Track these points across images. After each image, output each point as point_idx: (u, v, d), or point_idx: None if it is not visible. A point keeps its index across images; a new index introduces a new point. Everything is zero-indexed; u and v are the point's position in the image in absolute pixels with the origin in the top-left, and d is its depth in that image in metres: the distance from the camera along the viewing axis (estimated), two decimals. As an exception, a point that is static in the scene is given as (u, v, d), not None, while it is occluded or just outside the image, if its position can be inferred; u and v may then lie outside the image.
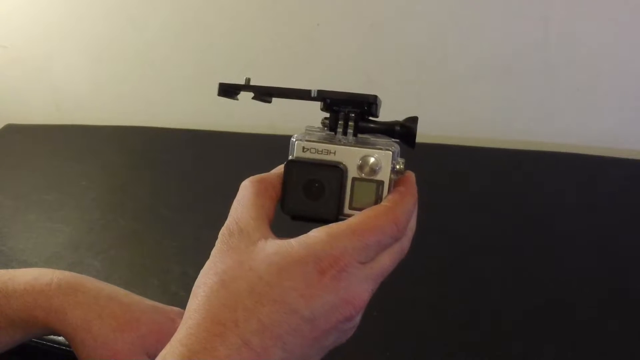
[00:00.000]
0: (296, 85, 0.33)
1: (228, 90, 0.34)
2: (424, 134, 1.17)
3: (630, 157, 0.89)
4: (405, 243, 0.32)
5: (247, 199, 0.31)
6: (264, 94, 0.34)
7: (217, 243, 0.30)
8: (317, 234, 0.28)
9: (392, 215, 0.30)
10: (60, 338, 0.65)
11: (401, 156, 0.33)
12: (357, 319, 0.30)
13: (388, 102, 1.22)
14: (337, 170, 0.31)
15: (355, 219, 0.29)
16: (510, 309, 0.63)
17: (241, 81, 0.34)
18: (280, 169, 0.33)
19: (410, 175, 0.33)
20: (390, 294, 0.67)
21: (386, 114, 0.35)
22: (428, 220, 0.80)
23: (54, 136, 1.15)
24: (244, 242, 0.29)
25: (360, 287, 0.29)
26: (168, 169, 0.99)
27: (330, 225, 0.29)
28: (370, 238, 0.29)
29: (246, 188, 0.32)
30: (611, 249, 0.71)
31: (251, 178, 0.32)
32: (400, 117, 0.34)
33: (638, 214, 0.77)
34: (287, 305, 0.27)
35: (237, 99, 0.37)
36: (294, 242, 0.28)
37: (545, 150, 0.92)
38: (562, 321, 0.61)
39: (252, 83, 0.34)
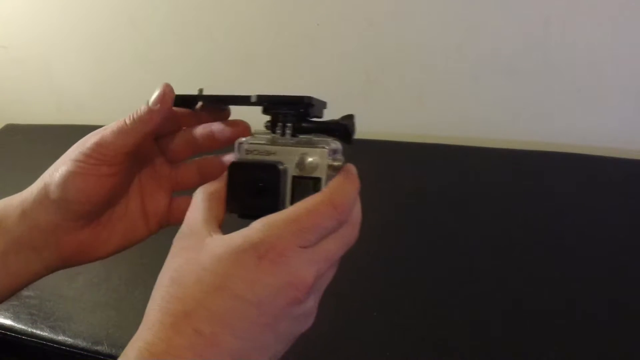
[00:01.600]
0: (296, 85, 0.33)
1: (185, 100, 0.37)
2: (424, 134, 1.17)
3: (630, 157, 0.89)
4: (350, 230, 0.32)
5: (197, 205, 0.33)
6: (211, 101, 0.36)
7: (172, 247, 0.32)
8: (256, 224, 0.30)
9: (328, 198, 0.31)
10: (60, 338, 0.65)
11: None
12: (309, 304, 0.31)
13: (388, 102, 1.22)
14: (275, 169, 0.33)
15: (290, 207, 0.31)
16: (510, 309, 0.63)
17: (241, 80, 0.35)
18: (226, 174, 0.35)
19: (349, 166, 0.34)
20: (390, 294, 0.68)
21: (386, 113, 0.35)
22: (428, 220, 0.81)
23: (54, 136, 1.15)
24: (193, 242, 0.31)
25: (302, 270, 0.29)
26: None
27: (267, 216, 0.30)
28: (306, 221, 0.30)
29: (197, 196, 0.34)
30: (611, 249, 0.71)
31: (202, 187, 0.34)
32: (402, 117, 0.35)
33: (638, 214, 0.77)
34: (231, 291, 0.28)
35: (196, 109, 0.40)
36: (235, 234, 0.30)
37: (545, 150, 0.92)
38: (563, 321, 0.61)
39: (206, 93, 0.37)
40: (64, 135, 0.40)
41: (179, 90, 0.38)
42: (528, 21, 0.89)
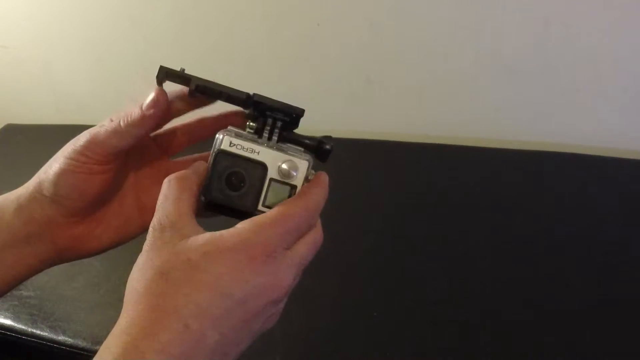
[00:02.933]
0: (296, 84, 0.34)
1: (169, 74, 0.36)
2: (424, 134, 1.17)
3: (630, 157, 0.89)
4: (317, 233, 0.34)
5: (174, 196, 0.33)
6: (201, 90, 0.36)
7: (149, 238, 0.32)
8: (245, 225, 0.31)
9: (303, 202, 0.33)
10: (60, 338, 0.65)
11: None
12: (281, 305, 0.32)
13: (388, 102, 1.22)
14: (260, 167, 0.34)
15: (274, 210, 0.32)
16: (510, 309, 0.63)
17: (240, 80, 0.36)
18: (197, 167, 0.35)
19: (322, 174, 0.36)
20: (390, 294, 0.68)
21: (387, 113, 0.36)
22: (428, 220, 0.81)
23: (54, 136, 1.15)
24: (176, 236, 0.31)
25: (286, 272, 0.31)
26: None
27: (254, 217, 0.32)
28: (289, 224, 0.31)
29: (171, 185, 0.34)
30: (611, 249, 0.71)
31: (174, 175, 0.34)
32: (402, 117, 0.36)
33: (638, 213, 0.77)
34: (221, 289, 0.29)
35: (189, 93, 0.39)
36: (224, 232, 0.31)
37: (545, 150, 0.92)
38: (563, 321, 0.61)
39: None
40: (64, 135, 0.40)
41: (176, 87, 0.38)
42: (528, 21, 0.89)
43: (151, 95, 0.36)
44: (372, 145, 1.00)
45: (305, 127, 0.38)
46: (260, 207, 0.34)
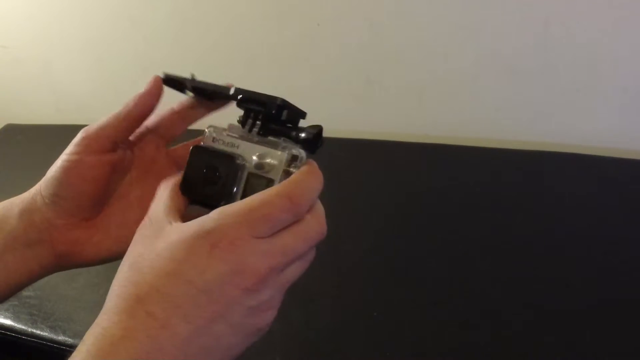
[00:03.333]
0: (296, 84, 0.33)
1: (174, 82, 0.38)
2: (424, 134, 1.17)
3: (630, 157, 0.89)
4: (313, 224, 0.32)
5: (159, 197, 0.34)
6: (195, 90, 0.37)
7: (133, 237, 0.33)
8: (212, 214, 0.31)
9: (284, 191, 0.31)
10: (60, 338, 0.65)
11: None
12: (263, 297, 0.30)
13: (388, 102, 1.22)
14: (232, 160, 0.34)
15: (247, 198, 0.31)
16: (510, 309, 0.63)
17: (241, 80, 0.36)
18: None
19: (311, 162, 0.34)
20: (390, 294, 0.68)
21: (387, 113, 0.35)
22: (428, 220, 0.81)
23: (54, 136, 1.15)
24: (152, 231, 0.32)
25: (254, 260, 0.30)
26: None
27: (222, 207, 0.31)
28: (258, 212, 0.30)
29: (160, 187, 0.35)
30: (611, 249, 0.71)
31: (165, 179, 0.36)
32: (402, 117, 0.35)
33: (638, 213, 0.77)
34: (182, 276, 0.29)
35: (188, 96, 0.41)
36: (191, 222, 0.31)
37: (545, 150, 0.92)
38: (563, 321, 0.61)
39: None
40: (64, 135, 0.40)
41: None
42: (528, 21, 0.89)
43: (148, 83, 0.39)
44: (372, 145, 1.00)
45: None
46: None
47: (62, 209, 0.38)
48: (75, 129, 0.39)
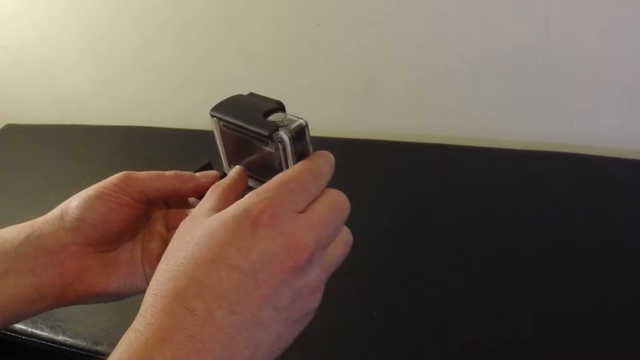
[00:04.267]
0: (296, 84, 0.33)
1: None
2: (424, 134, 1.17)
3: (630, 157, 0.89)
4: (333, 193, 0.32)
5: (205, 199, 0.34)
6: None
7: (173, 235, 0.32)
8: (246, 196, 0.30)
9: (307, 166, 0.31)
10: (60, 338, 0.65)
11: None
12: (311, 276, 0.29)
13: (388, 102, 1.22)
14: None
15: (278, 175, 0.31)
16: (510, 309, 0.63)
17: (240, 80, 0.36)
18: (232, 173, 0.36)
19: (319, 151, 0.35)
20: (390, 294, 0.68)
21: (387, 113, 0.35)
22: (428, 220, 0.81)
23: (54, 136, 1.15)
24: (192, 225, 0.30)
25: (299, 234, 0.28)
26: (168, 168, 0.99)
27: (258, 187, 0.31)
28: (293, 183, 0.30)
29: (208, 192, 0.35)
30: (611, 249, 0.71)
31: (216, 184, 0.36)
32: (402, 117, 0.35)
33: (638, 214, 0.77)
34: (224, 261, 0.27)
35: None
36: (229, 207, 0.29)
37: (545, 150, 0.92)
38: (563, 321, 0.61)
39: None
40: (64, 135, 0.40)
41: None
42: (528, 21, 0.89)
43: (214, 172, 0.41)
44: (372, 145, 1.00)
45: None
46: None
47: (83, 235, 0.38)
48: (75, 129, 0.39)
